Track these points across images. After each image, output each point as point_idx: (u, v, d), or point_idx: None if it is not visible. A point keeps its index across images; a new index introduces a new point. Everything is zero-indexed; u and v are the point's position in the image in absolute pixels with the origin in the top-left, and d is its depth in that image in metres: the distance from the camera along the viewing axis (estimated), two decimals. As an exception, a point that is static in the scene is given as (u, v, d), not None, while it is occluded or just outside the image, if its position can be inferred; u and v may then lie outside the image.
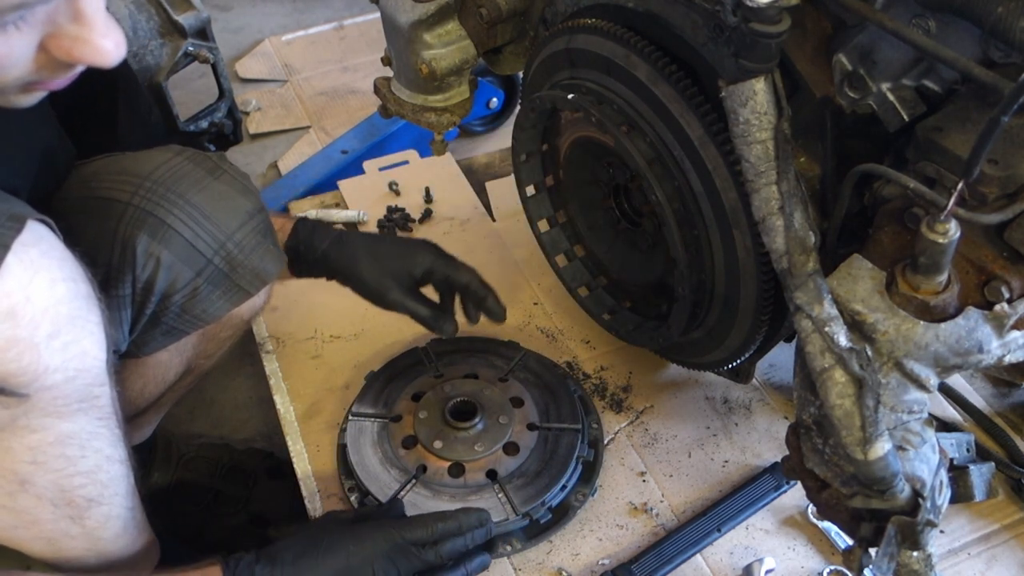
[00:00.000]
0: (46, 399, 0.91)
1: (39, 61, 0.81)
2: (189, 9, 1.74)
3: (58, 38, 0.80)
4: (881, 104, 1.00)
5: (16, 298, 0.84)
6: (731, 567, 1.31)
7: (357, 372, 1.55)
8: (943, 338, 0.91)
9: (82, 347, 0.92)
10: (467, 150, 2.30)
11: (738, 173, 1.06)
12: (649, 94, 1.17)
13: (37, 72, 0.82)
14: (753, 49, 0.93)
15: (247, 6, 2.99)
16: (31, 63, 0.81)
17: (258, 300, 1.30)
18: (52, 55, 0.81)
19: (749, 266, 1.16)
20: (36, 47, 0.80)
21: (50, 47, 0.80)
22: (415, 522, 1.18)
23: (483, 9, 1.39)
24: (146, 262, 1.10)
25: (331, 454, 1.43)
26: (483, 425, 1.38)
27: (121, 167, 1.15)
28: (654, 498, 1.39)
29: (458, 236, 1.86)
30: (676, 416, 1.51)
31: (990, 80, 0.85)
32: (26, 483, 0.96)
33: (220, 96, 1.94)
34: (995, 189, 0.90)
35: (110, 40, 0.81)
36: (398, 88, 1.55)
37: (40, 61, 0.81)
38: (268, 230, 1.22)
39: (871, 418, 0.90)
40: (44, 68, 0.82)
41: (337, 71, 2.65)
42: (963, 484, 1.35)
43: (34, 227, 0.88)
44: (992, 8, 0.87)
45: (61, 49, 0.80)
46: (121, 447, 1.05)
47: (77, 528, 1.03)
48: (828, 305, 0.93)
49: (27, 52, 0.79)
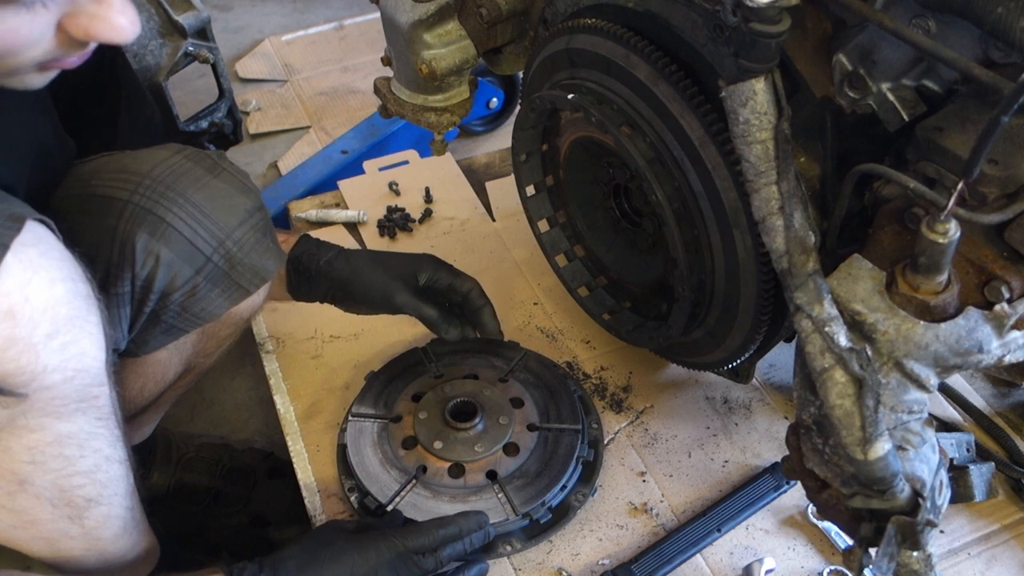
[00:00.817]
0: (44, 399, 0.91)
1: (56, 39, 0.84)
2: (189, 9, 1.74)
3: (76, 16, 0.83)
4: (881, 104, 1.00)
5: (15, 298, 0.84)
6: (731, 567, 1.31)
7: (357, 372, 1.55)
8: (943, 338, 0.91)
9: (81, 347, 0.92)
10: (467, 150, 2.31)
11: (738, 173, 1.06)
12: (649, 94, 1.17)
13: (54, 51, 0.85)
14: (753, 49, 0.93)
15: (247, 6, 2.99)
16: (51, 41, 0.84)
17: (257, 298, 1.30)
18: (68, 33, 0.84)
19: (749, 266, 1.16)
20: (55, 26, 0.83)
21: (67, 25, 0.83)
22: (416, 530, 1.19)
23: (483, 9, 1.39)
24: (145, 260, 1.10)
25: (331, 454, 1.43)
26: (483, 426, 1.38)
27: (121, 165, 1.15)
28: (654, 498, 1.39)
29: (458, 236, 1.86)
30: (676, 416, 1.51)
31: (990, 80, 0.85)
32: (25, 483, 0.96)
33: (220, 96, 1.93)
34: (995, 189, 0.90)
35: (125, 17, 0.85)
36: (398, 88, 1.55)
37: (57, 39, 0.84)
38: (267, 228, 1.22)
39: (871, 418, 0.90)
40: (60, 46, 0.85)
41: (337, 71, 2.65)
42: (963, 484, 1.35)
43: (33, 227, 0.88)
44: (992, 8, 0.87)
45: (79, 27, 0.83)
46: (120, 447, 1.05)
47: (76, 528, 1.03)
48: (828, 305, 0.93)
49: (48, 31, 0.83)
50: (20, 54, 0.83)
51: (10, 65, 0.84)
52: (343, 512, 1.36)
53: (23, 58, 0.84)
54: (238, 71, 2.64)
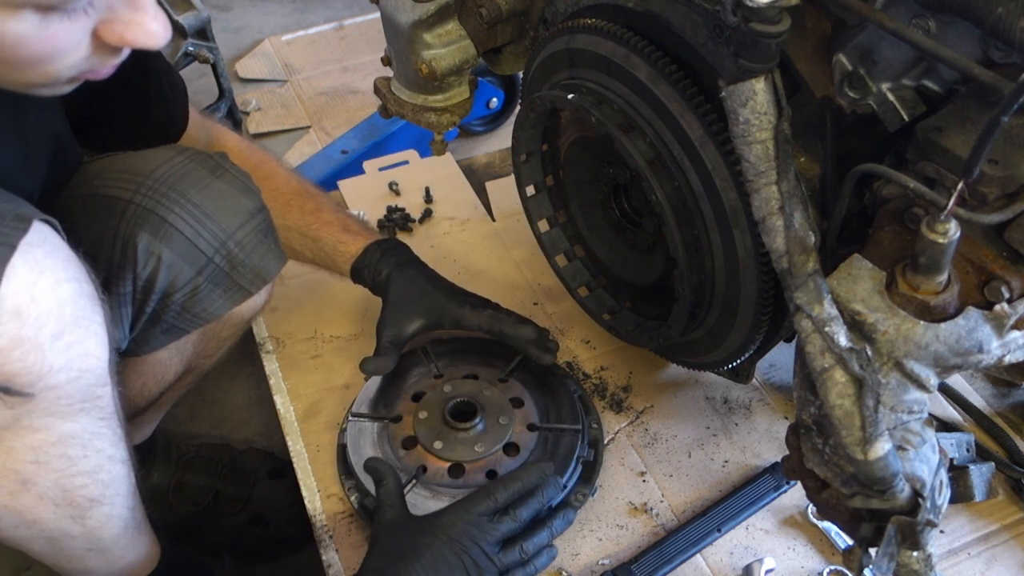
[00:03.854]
0: (49, 399, 0.91)
1: (91, 46, 0.85)
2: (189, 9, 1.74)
3: (111, 23, 0.83)
4: (881, 104, 1.00)
5: (22, 298, 0.85)
6: (731, 567, 1.31)
7: (357, 372, 1.55)
8: (943, 338, 0.91)
9: (86, 347, 0.92)
10: (467, 150, 2.31)
11: (738, 173, 1.06)
12: (649, 94, 1.18)
13: (88, 58, 0.85)
14: (753, 49, 0.93)
15: (247, 6, 2.99)
16: (87, 48, 0.84)
17: (258, 299, 1.30)
18: (102, 39, 0.84)
19: (749, 266, 1.16)
20: (91, 33, 0.83)
21: (103, 32, 0.84)
22: (477, 495, 1.18)
23: (483, 9, 1.39)
24: (147, 260, 1.10)
25: (331, 454, 1.43)
26: (483, 426, 1.38)
27: (123, 165, 1.15)
28: (654, 498, 1.39)
29: (458, 236, 1.86)
30: (676, 416, 1.51)
31: (990, 80, 0.85)
32: (28, 483, 0.96)
33: (220, 96, 1.94)
34: (995, 189, 0.91)
35: (159, 23, 0.86)
36: (398, 88, 1.55)
37: (92, 46, 0.85)
38: (269, 229, 1.22)
39: (871, 418, 0.90)
40: (95, 53, 0.86)
41: (337, 71, 2.65)
42: (963, 484, 1.35)
43: (39, 227, 0.88)
44: (992, 8, 0.87)
45: (114, 33, 0.84)
46: (122, 447, 1.05)
47: (78, 528, 1.03)
48: (828, 305, 0.93)
49: (85, 38, 0.83)
50: (58, 61, 0.83)
51: (48, 73, 0.84)
52: (343, 512, 1.36)
53: (60, 65, 0.84)
54: (238, 71, 2.64)
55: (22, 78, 0.84)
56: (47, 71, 0.84)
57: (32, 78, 0.85)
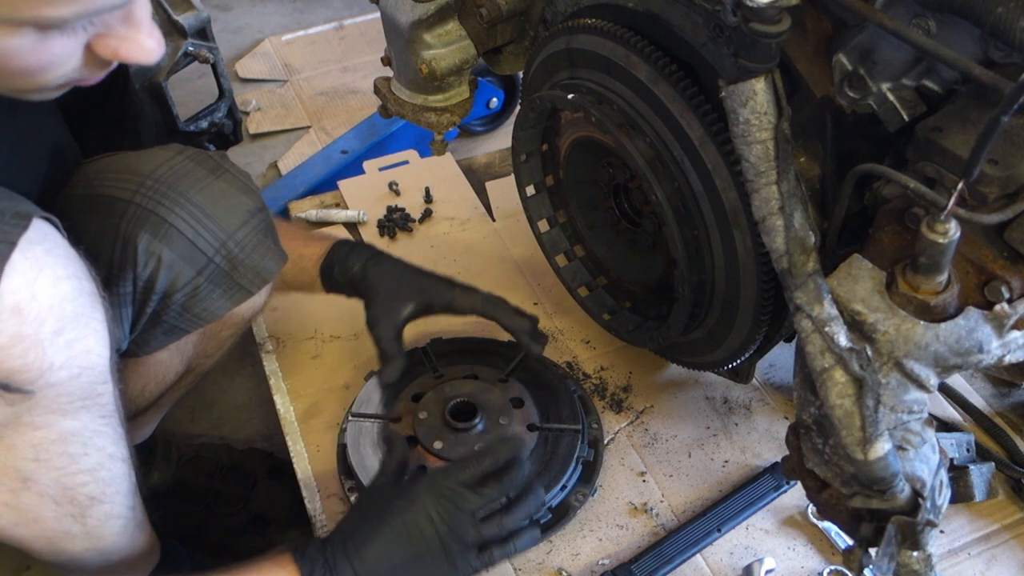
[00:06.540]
0: (50, 396, 0.91)
1: (84, 58, 0.85)
2: (189, 9, 1.74)
3: (107, 38, 0.84)
4: (881, 104, 1.00)
5: (22, 295, 0.85)
6: (731, 567, 1.31)
7: (357, 372, 1.55)
8: (943, 338, 0.91)
9: (86, 344, 0.92)
10: (467, 150, 2.30)
11: (738, 173, 1.06)
12: (649, 94, 1.18)
13: (79, 69, 0.86)
14: (753, 49, 0.93)
15: (247, 6, 2.99)
16: (79, 60, 0.85)
17: (259, 299, 1.30)
18: (96, 53, 0.85)
19: (749, 266, 1.16)
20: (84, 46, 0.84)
21: (97, 46, 0.84)
22: (452, 465, 1.14)
23: (483, 9, 1.39)
24: (147, 260, 1.10)
25: (331, 454, 1.43)
26: (483, 426, 1.38)
27: (123, 165, 1.15)
28: (654, 498, 1.39)
29: (458, 236, 1.86)
30: (676, 416, 1.51)
31: (990, 80, 0.85)
32: (28, 481, 0.96)
33: (220, 96, 1.93)
34: (995, 189, 0.90)
35: (153, 40, 0.86)
36: (398, 88, 1.55)
37: (84, 58, 0.85)
38: (269, 229, 1.22)
39: (871, 418, 0.90)
40: (86, 65, 0.86)
41: (337, 71, 2.65)
42: (963, 484, 1.35)
43: (39, 225, 0.89)
44: (992, 8, 0.87)
45: (108, 48, 0.85)
46: (123, 445, 1.05)
47: (78, 527, 1.03)
48: (828, 305, 0.93)
49: (78, 51, 0.84)
50: (50, 72, 0.84)
51: (39, 82, 0.85)
52: (343, 512, 1.36)
53: (52, 76, 0.85)
54: (238, 71, 2.64)
55: (11, 84, 0.85)
56: (38, 80, 0.85)
57: (22, 85, 0.86)
